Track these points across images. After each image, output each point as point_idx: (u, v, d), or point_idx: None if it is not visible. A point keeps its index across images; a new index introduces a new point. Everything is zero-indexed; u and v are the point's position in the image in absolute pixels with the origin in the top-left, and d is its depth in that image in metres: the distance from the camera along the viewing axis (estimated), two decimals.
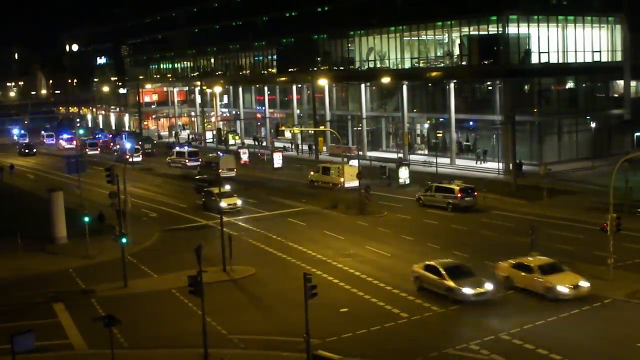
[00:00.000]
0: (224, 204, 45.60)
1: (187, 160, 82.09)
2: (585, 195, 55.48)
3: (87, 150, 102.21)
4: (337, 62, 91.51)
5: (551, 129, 72.31)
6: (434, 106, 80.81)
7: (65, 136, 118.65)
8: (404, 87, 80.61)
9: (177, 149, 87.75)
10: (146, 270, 40.25)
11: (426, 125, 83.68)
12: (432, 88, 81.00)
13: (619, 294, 32.36)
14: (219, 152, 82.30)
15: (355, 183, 59.08)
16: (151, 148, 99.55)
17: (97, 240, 44.81)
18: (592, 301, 31.62)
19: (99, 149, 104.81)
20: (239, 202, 55.15)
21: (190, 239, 45.49)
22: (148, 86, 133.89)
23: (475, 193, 53.25)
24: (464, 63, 75.07)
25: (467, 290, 31.83)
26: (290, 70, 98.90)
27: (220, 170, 68.99)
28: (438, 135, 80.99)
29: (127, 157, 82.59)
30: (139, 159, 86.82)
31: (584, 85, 76.36)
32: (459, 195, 52.19)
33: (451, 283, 32.28)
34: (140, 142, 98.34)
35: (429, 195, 54.22)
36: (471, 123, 76.70)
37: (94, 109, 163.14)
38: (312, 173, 67.51)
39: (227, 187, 57.60)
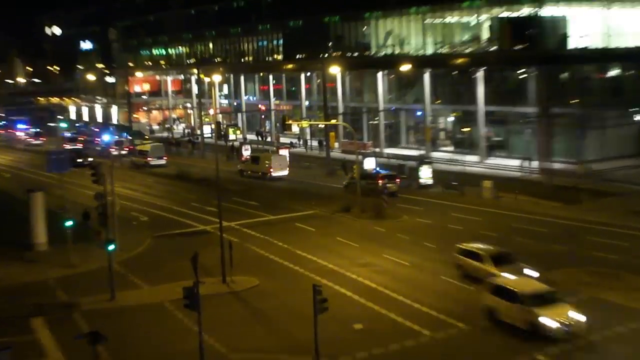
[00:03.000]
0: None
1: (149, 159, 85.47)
2: (630, 197, 55.18)
3: (65, 145, 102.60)
4: (350, 48, 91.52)
5: (592, 123, 71.91)
6: (459, 97, 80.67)
7: (30, 128, 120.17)
8: (426, 76, 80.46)
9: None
10: (136, 281, 40.30)
11: (451, 119, 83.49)
12: (458, 77, 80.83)
13: None
14: (271, 149, 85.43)
15: (284, 172, 70.65)
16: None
17: (81, 247, 44.88)
18: (637, 317, 31.31)
19: (79, 144, 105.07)
20: None
21: (186, 246, 45.41)
22: (139, 74, 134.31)
23: (397, 180, 60.76)
24: (493, 48, 74.87)
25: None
26: (298, 57, 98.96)
27: (149, 159, 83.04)
28: (464, 129, 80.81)
29: (113, 150, 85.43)
30: (163, 162, 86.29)
31: (630, 72, 75.95)
32: (381, 181, 59.03)
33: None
34: (129, 137, 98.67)
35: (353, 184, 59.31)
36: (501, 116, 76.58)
37: (78, 100, 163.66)
38: (240, 163, 76.47)
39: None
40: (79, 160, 77.79)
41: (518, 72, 76.62)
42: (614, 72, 76.27)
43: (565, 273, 37.61)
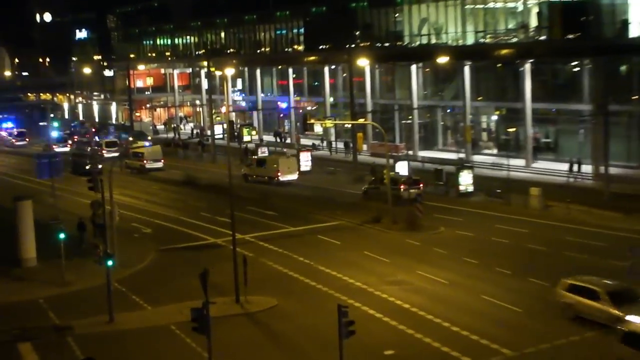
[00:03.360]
0: None
1: (104, 151, 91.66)
2: None
3: (54, 147, 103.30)
4: (380, 38, 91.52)
5: None
6: (504, 93, 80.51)
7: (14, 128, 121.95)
8: (466, 69, 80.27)
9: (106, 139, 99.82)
10: (138, 301, 40.44)
11: (494, 118, 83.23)
12: (502, 70, 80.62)
13: None
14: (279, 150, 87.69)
15: (293, 177, 72.37)
16: None
17: (75, 263, 45.10)
18: None
19: (68, 145, 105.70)
20: None
21: (195, 261, 45.59)
22: (141, 67, 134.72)
23: (421, 185, 61.37)
24: (542, 38, 74.58)
25: None
26: (321, 47, 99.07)
27: (145, 162, 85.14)
28: (509, 130, 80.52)
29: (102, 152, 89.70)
30: (160, 164, 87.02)
31: None
32: (403, 187, 59.97)
33: None
34: (130, 138, 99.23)
35: (373, 188, 62.56)
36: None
37: (72, 96, 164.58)
38: (245, 167, 77.77)
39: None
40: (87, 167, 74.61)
41: (570, 64, 76.30)
42: None
43: None
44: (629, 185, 61.01)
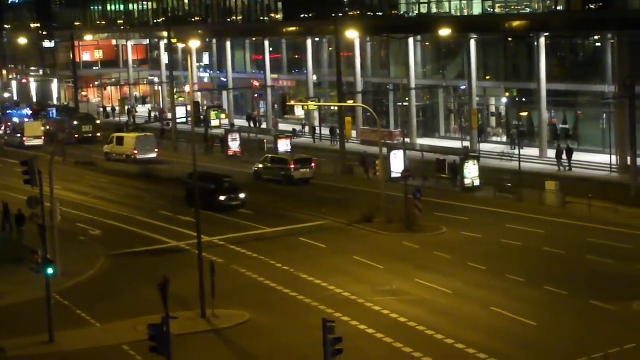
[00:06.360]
0: None
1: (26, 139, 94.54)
2: None
3: None
4: (372, 6, 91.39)
5: None
6: (515, 72, 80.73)
7: None
8: (472, 43, 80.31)
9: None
10: (84, 317, 40.11)
11: (504, 100, 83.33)
12: (514, 45, 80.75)
13: None
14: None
15: (151, 155, 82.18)
16: (92, 131, 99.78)
17: (7, 271, 44.82)
18: None
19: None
20: None
21: (153, 268, 45.54)
22: (88, 38, 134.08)
23: (313, 164, 69.92)
24: (560, 8, 74.70)
25: None
26: (303, 16, 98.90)
27: (25, 138, 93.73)
28: (522, 114, 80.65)
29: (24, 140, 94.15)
30: (40, 142, 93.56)
31: None
32: (292, 166, 68.15)
33: None
34: (75, 123, 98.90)
35: (265, 168, 70.56)
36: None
37: (4, 72, 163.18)
38: (106, 144, 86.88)
39: None
40: None
41: (592, 39, 76.51)
42: None
43: None
44: None
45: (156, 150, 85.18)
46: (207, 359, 34.40)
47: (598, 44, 75.89)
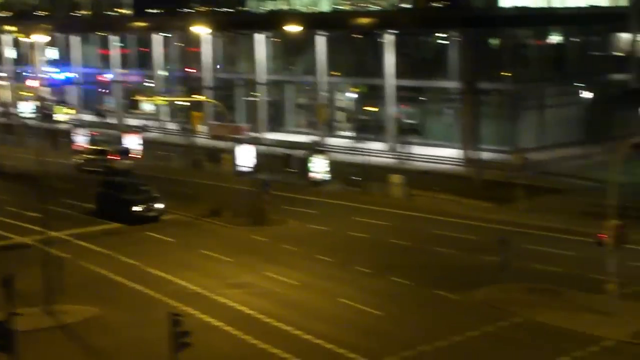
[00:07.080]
0: None
1: None
2: (576, 194, 56.77)
3: None
4: (221, 2, 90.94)
5: (529, 102, 73.72)
6: (363, 68, 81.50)
7: None
8: (320, 40, 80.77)
9: None
10: None
11: (352, 95, 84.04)
12: (361, 42, 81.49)
13: (623, 334, 32.88)
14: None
15: None
16: None
17: None
18: (586, 344, 32.06)
19: None
20: None
21: None
22: None
23: (131, 154, 72.54)
24: (406, 6, 75.64)
25: None
26: (151, 11, 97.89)
27: None
28: (369, 109, 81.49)
29: None
30: None
31: (574, 39, 78.06)
32: (112, 157, 70.63)
33: None
34: None
35: (86, 160, 72.92)
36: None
37: None
38: None
39: None
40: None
41: (437, 36, 77.75)
42: (555, 39, 78.26)
43: (497, 291, 38.23)
44: (501, 172, 62.39)
45: None
46: (54, 354, 33.61)
47: (443, 42, 77.13)
